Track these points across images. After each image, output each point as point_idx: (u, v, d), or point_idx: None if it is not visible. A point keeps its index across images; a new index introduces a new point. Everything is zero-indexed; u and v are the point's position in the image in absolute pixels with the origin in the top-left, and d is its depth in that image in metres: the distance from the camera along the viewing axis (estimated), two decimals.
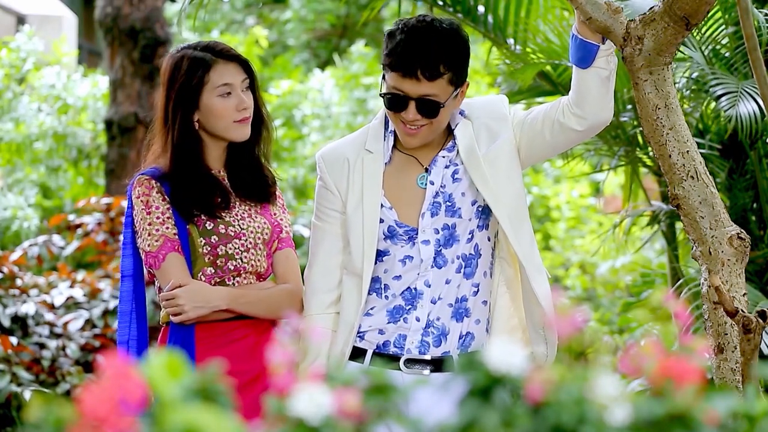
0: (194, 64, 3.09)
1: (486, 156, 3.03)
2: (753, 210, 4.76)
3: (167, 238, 3.06)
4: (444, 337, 3.03)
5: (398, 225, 3.03)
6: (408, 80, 2.91)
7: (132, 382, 1.22)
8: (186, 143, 3.10)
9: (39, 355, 5.63)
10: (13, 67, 10.06)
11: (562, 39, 4.80)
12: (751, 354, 2.81)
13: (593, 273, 9.27)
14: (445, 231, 3.03)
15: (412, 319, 3.02)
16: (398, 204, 3.05)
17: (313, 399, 1.27)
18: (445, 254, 3.03)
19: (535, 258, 3.04)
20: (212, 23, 15.43)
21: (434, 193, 3.04)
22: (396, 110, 2.96)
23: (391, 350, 3.03)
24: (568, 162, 5.38)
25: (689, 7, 2.83)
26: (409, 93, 2.92)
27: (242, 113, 3.10)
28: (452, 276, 3.04)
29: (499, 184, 3.02)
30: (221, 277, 3.10)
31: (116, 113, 8.10)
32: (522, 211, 3.06)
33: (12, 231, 8.82)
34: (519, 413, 1.26)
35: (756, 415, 1.35)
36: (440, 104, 2.93)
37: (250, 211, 3.17)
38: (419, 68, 2.89)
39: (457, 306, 3.04)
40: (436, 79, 2.91)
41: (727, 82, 4.38)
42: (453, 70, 2.93)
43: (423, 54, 2.90)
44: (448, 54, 2.92)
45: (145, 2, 8.08)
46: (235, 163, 3.19)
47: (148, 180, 3.09)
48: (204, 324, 3.06)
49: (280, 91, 10.98)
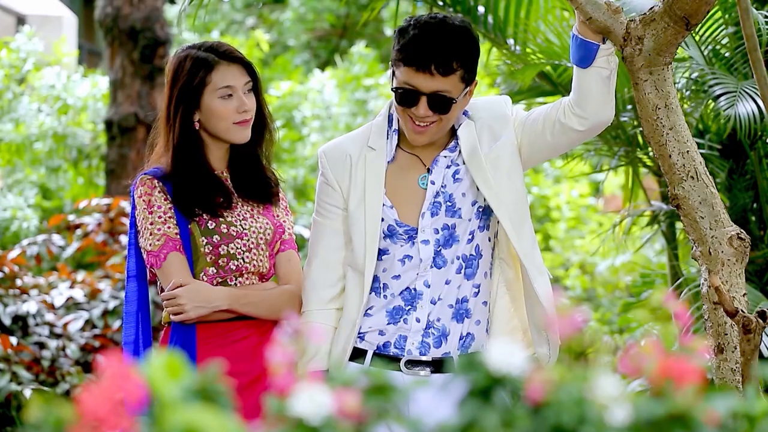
0: (197, 65, 3.09)
1: (488, 156, 3.03)
2: (753, 210, 4.76)
3: (168, 237, 3.06)
4: (444, 338, 3.02)
5: (398, 224, 3.03)
6: (421, 75, 2.91)
7: (132, 382, 1.22)
8: (186, 142, 3.10)
9: (39, 354, 5.63)
10: (13, 67, 10.06)
11: (562, 39, 4.81)
12: (751, 354, 2.81)
13: (593, 273, 9.27)
14: (444, 231, 3.03)
15: (412, 320, 3.01)
16: (399, 203, 3.05)
17: (313, 399, 1.27)
18: (445, 254, 3.03)
19: (536, 259, 3.04)
20: (212, 23, 15.43)
21: (435, 193, 3.03)
22: (407, 105, 2.95)
23: (392, 351, 3.02)
24: (568, 162, 5.38)
25: (689, 7, 2.83)
26: (422, 88, 2.92)
27: (242, 115, 3.10)
28: (452, 277, 3.03)
29: (501, 185, 3.02)
30: (223, 277, 3.10)
31: (116, 113, 8.10)
32: (523, 211, 3.05)
33: (11, 231, 8.82)
34: (519, 414, 1.26)
35: (756, 415, 1.35)
36: (453, 100, 2.93)
37: (252, 211, 3.17)
38: (433, 63, 2.89)
39: (457, 307, 3.04)
40: (449, 74, 2.91)
41: (726, 82, 4.38)
42: (465, 67, 2.94)
43: (437, 49, 2.90)
44: (461, 50, 2.92)
45: (145, 2, 8.08)
46: (237, 163, 3.19)
47: (150, 180, 3.09)
48: (205, 324, 3.06)
49: (281, 92, 10.98)
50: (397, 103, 2.98)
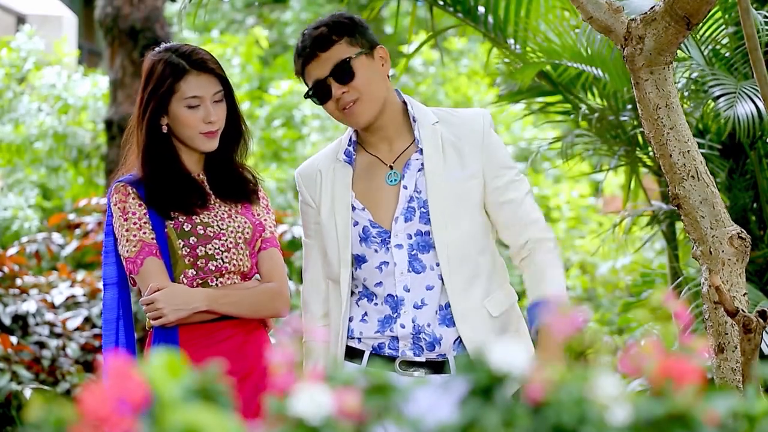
0: (167, 70, 3.08)
1: (452, 185, 3.00)
2: (753, 210, 4.76)
3: (144, 243, 3.06)
4: (437, 343, 2.99)
5: (372, 225, 3.01)
6: (313, 64, 2.97)
7: (132, 382, 1.22)
8: (154, 145, 3.10)
9: (39, 354, 5.64)
10: (14, 66, 10.06)
11: (562, 39, 4.80)
12: (751, 354, 2.81)
13: (593, 273, 9.27)
14: (418, 237, 3.00)
15: (397, 327, 2.99)
16: (371, 205, 3.04)
17: (313, 399, 1.26)
18: (423, 259, 3.00)
19: (469, 300, 2.99)
20: (212, 22, 15.43)
21: (408, 198, 3.01)
22: (325, 98, 2.99)
23: (387, 352, 3.02)
24: (568, 162, 5.38)
25: (690, 6, 2.83)
26: (320, 75, 2.97)
27: (208, 126, 3.09)
28: (435, 282, 2.99)
29: (448, 222, 2.99)
30: (203, 278, 3.09)
31: (116, 113, 8.10)
32: (467, 252, 3.01)
33: (12, 231, 8.82)
34: (519, 413, 1.26)
35: (756, 415, 1.35)
36: (347, 60, 2.96)
37: (230, 211, 3.17)
38: (310, 47, 2.97)
39: (443, 313, 3.00)
40: (331, 46, 2.96)
41: (725, 82, 4.38)
42: (347, 34, 2.98)
43: (311, 35, 2.98)
44: (336, 27, 2.98)
45: (145, 2, 8.08)
46: (213, 166, 3.19)
47: (123, 186, 3.10)
48: (187, 326, 3.06)
49: (280, 91, 10.99)
50: (319, 104, 3.02)
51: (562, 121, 5.75)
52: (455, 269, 2.97)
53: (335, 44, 2.96)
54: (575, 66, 4.81)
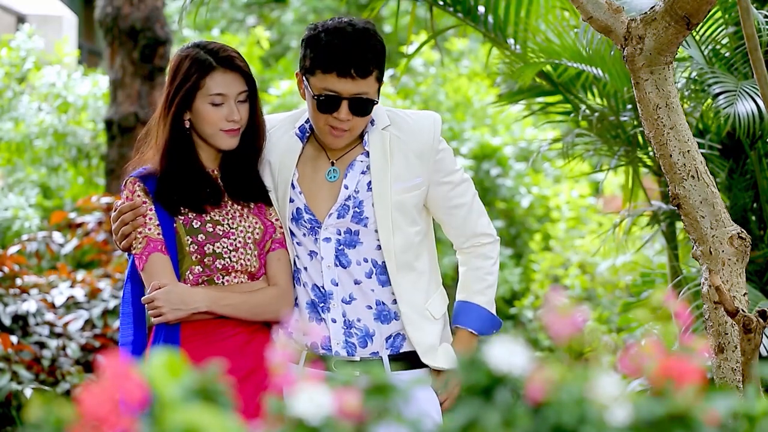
0: (194, 66, 3.09)
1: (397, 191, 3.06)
2: (753, 210, 4.76)
3: (150, 239, 3.07)
4: (369, 338, 3.04)
5: (306, 210, 3.08)
6: (343, 80, 2.93)
7: (132, 382, 1.22)
8: (176, 140, 3.11)
9: (39, 354, 5.63)
10: (14, 66, 10.06)
11: (562, 39, 4.81)
12: (751, 354, 2.81)
13: (593, 273, 9.27)
14: (347, 234, 3.06)
15: (329, 320, 3.05)
16: (309, 194, 3.09)
17: (313, 399, 1.26)
18: (349, 254, 3.06)
19: (416, 305, 3.07)
20: (213, 21, 15.43)
21: (347, 197, 3.06)
22: (329, 111, 2.97)
23: (320, 351, 3.06)
24: (568, 162, 5.38)
25: (690, 6, 2.83)
26: (343, 93, 2.95)
27: (230, 124, 3.09)
28: (362, 279, 3.06)
29: (394, 225, 3.05)
30: (209, 275, 3.10)
31: (116, 113, 8.10)
32: (411, 255, 3.08)
33: (13, 231, 8.82)
34: (519, 413, 1.26)
35: (756, 415, 1.35)
36: (373, 102, 2.97)
37: (242, 210, 3.17)
38: (353, 67, 2.92)
39: (378, 309, 3.06)
40: (367, 76, 2.95)
41: (725, 81, 4.38)
42: (379, 68, 2.98)
43: (354, 53, 2.93)
44: (374, 52, 2.96)
45: (145, 2, 8.08)
46: (229, 164, 3.19)
47: (132, 182, 3.11)
48: (190, 323, 3.06)
49: (280, 91, 10.98)
50: (318, 110, 2.99)
51: (562, 121, 5.74)
52: (402, 273, 3.05)
53: (370, 75, 2.96)
54: (575, 66, 4.81)
